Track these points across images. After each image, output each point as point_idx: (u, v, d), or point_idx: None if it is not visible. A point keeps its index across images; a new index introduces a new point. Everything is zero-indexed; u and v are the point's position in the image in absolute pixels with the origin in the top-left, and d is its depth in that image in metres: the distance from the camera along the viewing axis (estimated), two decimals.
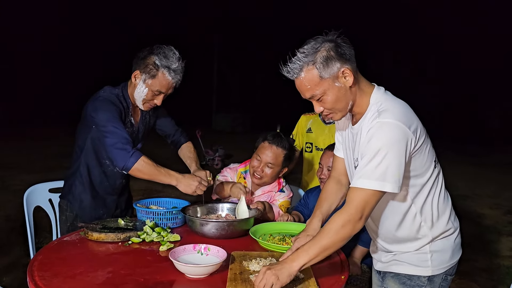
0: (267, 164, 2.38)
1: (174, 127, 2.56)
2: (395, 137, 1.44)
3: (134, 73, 2.16)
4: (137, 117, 2.32)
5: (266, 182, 2.45)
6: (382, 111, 1.49)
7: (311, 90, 1.51)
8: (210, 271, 1.58)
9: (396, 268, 1.67)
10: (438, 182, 1.63)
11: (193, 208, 2.24)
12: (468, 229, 5.05)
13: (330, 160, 2.43)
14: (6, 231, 4.42)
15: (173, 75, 2.11)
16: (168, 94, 2.20)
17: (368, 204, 1.45)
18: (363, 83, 1.58)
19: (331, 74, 1.48)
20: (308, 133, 3.23)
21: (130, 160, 2.02)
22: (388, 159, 1.42)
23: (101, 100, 2.13)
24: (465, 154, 11.40)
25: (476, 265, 4.04)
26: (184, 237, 1.99)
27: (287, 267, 1.42)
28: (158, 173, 2.07)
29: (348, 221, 1.44)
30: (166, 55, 2.10)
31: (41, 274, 1.56)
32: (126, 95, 2.22)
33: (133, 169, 2.04)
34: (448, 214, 1.66)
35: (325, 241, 1.45)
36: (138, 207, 2.22)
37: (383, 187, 1.43)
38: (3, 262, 3.51)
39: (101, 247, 1.86)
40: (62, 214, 2.34)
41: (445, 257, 1.65)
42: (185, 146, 2.59)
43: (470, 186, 7.54)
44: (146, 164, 2.05)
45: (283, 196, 2.48)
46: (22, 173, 7.15)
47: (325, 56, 1.47)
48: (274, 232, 2.07)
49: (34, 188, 2.55)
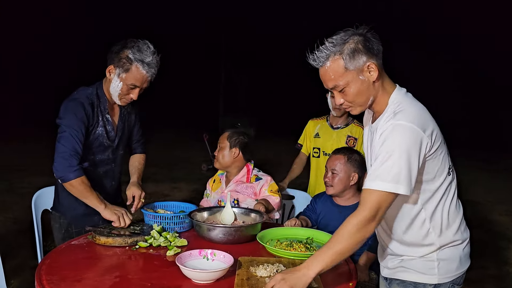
0: (220, 145, 2.66)
1: (139, 136, 2.52)
2: (409, 139, 1.43)
3: (108, 68, 2.15)
4: (115, 114, 2.30)
5: (222, 163, 2.63)
6: (398, 112, 1.49)
7: (335, 80, 1.52)
8: (217, 277, 1.57)
9: (402, 275, 1.65)
10: (450, 190, 1.60)
11: (200, 212, 2.24)
12: (478, 235, 4.99)
13: (335, 164, 2.43)
14: (13, 234, 4.44)
15: (147, 68, 2.10)
16: (144, 88, 2.19)
17: (382, 206, 1.44)
18: (386, 81, 1.57)
19: (356, 66, 1.49)
20: (315, 138, 3.23)
21: (69, 174, 2.02)
22: (402, 161, 1.42)
23: (72, 102, 2.13)
24: (476, 160, 11.29)
25: (486, 272, 4.00)
26: (191, 242, 1.98)
27: (302, 275, 1.41)
28: (89, 195, 2.06)
29: (361, 224, 1.43)
30: (139, 48, 2.10)
31: (49, 277, 1.56)
32: (101, 92, 2.22)
33: (68, 183, 2.03)
34: (458, 224, 1.62)
35: (340, 246, 1.44)
36: (146, 211, 2.22)
37: (397, 189, 1.42)
38: (11, 265, 3.53)
39: (108, 251, 1.86)
40: (55, 222, 2.31)
41: (453, 266, 1.61)
42: (138, 156, 2.55)
43: (480, 192, 7.46)
44: (81, 184, 2.04)
45: (263, 183, 2.57)
46: (30, 176, 7.20)
47: (352, 48, 1.48)
48: (281, 237, 2.06)
49: (42, 191, 2.56)
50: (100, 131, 2.22)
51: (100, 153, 2.26)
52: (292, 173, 3.35)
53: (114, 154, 2.32)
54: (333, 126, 3.18)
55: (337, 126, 3.17)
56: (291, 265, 1.72)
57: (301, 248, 1.88)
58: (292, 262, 1.76)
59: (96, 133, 2.21)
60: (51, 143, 2.17)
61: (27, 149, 10.23)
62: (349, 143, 3.08)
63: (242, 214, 2.27)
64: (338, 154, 2.47)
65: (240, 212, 2.28)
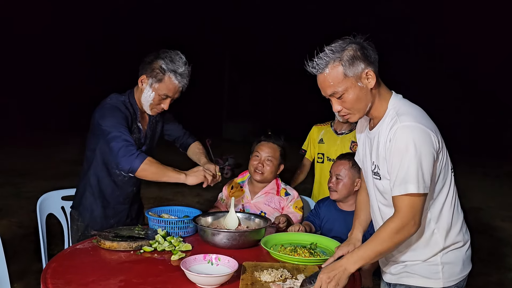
0: (267, 159, 2.52)
1: (182, 130, 2.58)
2: (419, 138, 1.47)
3: (140, 78, 2.18)
4: (145, 123, 2.33)
5: (266, 178, 2.53)
6: (401, 115, 1.53)
7: (334, 87, 1.55)
8: (222, 281, 1.58)
9: (407, 280, 1.66)
10: (454, 191, 1.64)
11: (204, 217, 2.25)
12: (481, 242, 4.97)
13: (339, 169, 2.43)
14: (18, 238, 4.46)
15: (179, 79, 2.13)
16: (175, 99, 2.22)
17: (415, 208, 1.49)
18: (383, 88, 1.62)
19: (355, 73, 1.53)
20: (320, 143, 3.23)
21: (135, 161, 2.00)
22: (416, 161, 1.46)
23: (107, 107, 2.15)
24: (477, 166, 11.26)
25: (489, 279, 3.97)
26: (196, 247, 1.99)
27: (344, 270, 1.50)
28: (165, 170, 2.06)
29: (402, 227, 1.48)
30: (172, 59, 2.13)
31: (54, 281, 1.57)
32: (133, 101, 2.24)
33: (139, 170, 2.02)
34: (460, 225, 1.66)
35: (380, 247, 1.51)
36: (150, 216, 2.23)
37: (423, 189, 1.47)
38: (15, 269, 3.53)
39: (113, 256, 1.87)
40: (73, 223, 2.36)
41: (456, 269, 1.63)
42: (193, 145, 2.59)
43: (483, 198, 7.43)
44: (152, 163, 2.04)
45: (291, 199, 2.54)
46: (35, 180, 7.23)
47: (351, 55, 1.52)
48: (285, 242, 2.07)
49: (47, 195, 2.58)
50: (134, 137, 2.22)
51: None
52: (296, 179, 3.36)
53: None
54: (337, 131, 3.19)
55: (341, 132, 3.18)
56: (295, 270, 1.73)
57: (305, 253, 1.88)
58: (296, 267, 1.77)
59: None
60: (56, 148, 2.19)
61: (33, 153, 10.28)
62: (353, 148, 3.09)
63: (246, 219, 2.28)
64: (342, 159, 2.48)
65: (244, 217, 2.29)
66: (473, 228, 1.78)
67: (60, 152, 10.34)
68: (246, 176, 2.68)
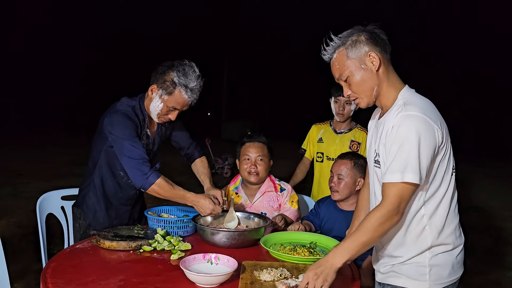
0: (258, 159, 2.50)
1: (188, 140, 2.56)
2: (422, 129, 1.46)
3: (151, 87, 2.16)
4: (153, 129, 2.33)
5: (262, 178, 2.52)
6: (408, 104, 1.53)
7: (339, 70, 1.61)
8: (221, 281, 1.58)
9: (394, 281, 1.63)
10: (452, 191, 1.61)
11: (204, 216, 2.25)
12: (481, 241, 4.98)
13: (341, 169, 2.43)
14: (18, 238, 4.46)
15: (189, 94, 2.11)
16: (184, 111, 2.21)
17: (403, 198, 1.47)
18: (394, 77, 1.63)
19: (358, 55, 1.57)
20: (319, 143, 3.23)
21: (147, 181, 2.02)
22: (416, 151, 1.45)
23: (118, 114, 2.13)
24: (479, 165, 11.26)
25: (489, 277, 3.98)
26: (195, 246, 1.99)
27: (331, 266, 1.47)
28: (174, 195, 2.08)
29: (385, 217, 1.47)
30: (185, 72, 2.10)
31: (54, 281, 1.58)
32: (143, 107, 2.23)
33: (150, 190, 2.05)
34: (453, 228, 1.60)
35: (364, 238, 1.48)
36: (149, 215, 2.23)
37: (415, 179, 1.45)
38: (15, 269, 3.53)
39: (113, 255, 1.87)
40: (75, 222, 2.37)
41: (444, 273, 1.58)
42: (199, 161, 2.59)
43: (484, 198, 7.43)
44: (161, 186, 2.04)
45: (286, 193, 2.53)
46: (34, 180, 7.23)
47: (355, 39, 1.58)
48: (285, 242, 2.07)
49: (47, 195, 2.58)
50: (142, 143, 2.22)
51: None
52: (296, 178, 3.36)
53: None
54: (336, 131, 3.19)
55: (340, 131, 3.18)
56: (295, 269, 1.73)
57: (305, 253, 1.88)
58: (296, 266, 1.77)
59: None
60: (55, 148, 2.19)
61: (32, 154, 10.28)
62: (353, 147, 3.09)
63: (245, 218, 2.28)
64: (344, 159, 2.47)
65: (244, 217, 2.29)
66: (473, 227, 1.77)
67: (59, 152, 10.33)
68: (238, 181, 2.64)
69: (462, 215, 1.70)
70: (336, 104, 3.09)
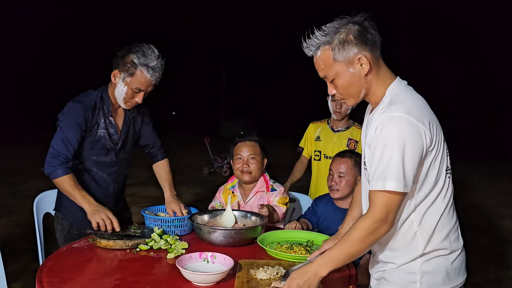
0: (250, 157, 2.50)
1: (154, 138, 2.54)
2: (405, 132, 1.35)
3: (113, 72, 2.19)
4: (120, 118, 2.34)
5: (255, 176, 2.51)
6: (393, 103, 1.41)
7: (324, 71, 1.48)
8: (217, 279, 1.57)
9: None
10: (446, 193, 1.49)
11: (201, 215, 2.25)
12: (480, 239, 4.98)
13: (340, 167, 2.42)
14: (16, 237, 4.46)
15: (151, 72, 2.14)
16: (149, 92, 2.23)
17: (390, 207, 1.37)
18: (384, 72, 1.50)
19: (345, 58, 1.43)
20: (316, 141, 3.23)
21: (56, 172, 2.11)
22: (399, 157, 1.34)
23: (74, 104, 2.20)
24: (478, 164, 11.26)
25: (488, 276, 3.98)
26: (192, 245, 1.99)
27: (314, 275, 1.41)
28: (73, 194, 2.11)
29: (372, 227, 1.38)
30: (144, 53, 2.14)
31: (50, 280, 1.57)
32: (106, 96, 2.26)
33: (55, 180, 2.13)
34: (447, 231, 1.49)
35: (352, 249, 1.40)
36: (146, 214, 2.23)
37: (401, 188, 1.35)
38: (13, 268, 3.53)
39: (109, 254, 1.87)
40: (57, 223, 2.35)
41: (437, 280, 1.47)
42: (161, 163, 2.55)
43: (482, 196, 7.43)
44: (66, 182, 2.11)
45: (277, 194, 2.50)
46: (33, 180, 7.21)
47: (342, 39, 1.42)
48: (281, 240, 2.06)
49: (44, 194, 2.57)
50: (101, 133, 2.25)
51: (102, 155, 2.29)
52: (293, 176, 3.36)
53: (117, 157, 2.35)
54: (334, 129, 3.19)
55: (338, 129, 3.18)
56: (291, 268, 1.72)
57: (302, 251, 1.88)
58: (292, 264, 1.76)
59: (97, 135, 2.24)
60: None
61: (31, 153, 10.25)
62: (350, 146, 3.09)
63: (242, 217, 2.28)
64: (344, 157, 2.46)
65: (241, 215, 2.29)
66: (472, 226, 1.73)
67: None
68: (236, 181, 2.64)
69: (461, 215, 1.62)
70: (333, 103, 3.09)
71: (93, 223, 2.04)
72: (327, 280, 1.59)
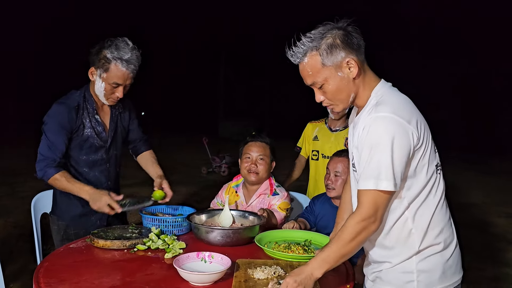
0: (259, 158, 2.48)
1: (139, 134, 2.54)
2: (393, 131, 1.37)
3: (90, 70, 2.20)
4: (106, 115, 2.34)
5: (261, 178, 2.50)
6: (380, 104, 1.43)
7: (312, 77, 1.48)
8: (215, 279, 1.58)
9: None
10: (438, 189, 1.51)
11: (198, 215, 2.25)
12: (476, 237, 5.00)
13: (337, 166, 2.43)
14: (14, 238, 4.45)
15: (126, 65, 2.13)
16: (129, 85, 2.22)
17: (379, 205, 1.40)
18: (369, 76, 1.52)
19: (334, 62, 1.44)
20: (314, 141, 3.23)
21: (47, 173, 2.14)
22: (388, 156, 1.36)
23: (57, 106, 2.20)
24: (473, 162, 11.30)
25: (484, 274, 4.00)
26: (190, 245, 1.99)
27: (310, 276, 1.42)
28: (71, 189, 2.14)
29: (362, 225, 1.40)
30: (117, 47, 2.13)
31: (47, 280, 1.57)
32: (88, 94, 2.26)
33: (49, 181, 2.16)
34: (441, 227, 1.50)
35: (343, 249, 1.42)
36: (144, 215, 2.23)
37: (389, 186, 1.37)
38: (11, 269, 3.53)
39: (107, 254, 1.87)
40: (54, 225, 2.35)
41: (434, 277, 1.48)
42: (146, 153, 2.56)
43: (478, 194, 7.47)
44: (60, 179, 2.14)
45: (278, 198, 2.49)
46: (31, 180, 7.19)
47: (330, 44, 1.43)
48: (279, 239, 2.07)
49: (41, 195, 2.57)
50: (88, 133, 2.25)
51: (92, 153, 2.29)
52: (291, 176, 3.36)
53: (108, 154, 2.35)
54: (331, 128, 3.19)
55: (335, 129, 3.18)
56: (289, 267, 1.72)
57: (299, 250, 1.88)
58: (290, 264, 1.77)
59: (85, 135, 2.24)
60: None
61: (28, 153, 10.23)
62: (348, 145, 3.09)
63: (240, 216, 2.28)
64: (341, 156, 2.47)
65: (238, 215, 2.29)
66: (468, 224, 1.74)
67: None
68: (240, 180, 2.63)
69: (457, 213, 1.65)
70: None
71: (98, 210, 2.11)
72: (324, 279, 1.59)
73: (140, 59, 2.18)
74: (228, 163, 8.91)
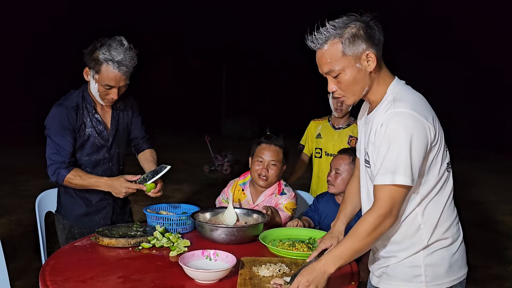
0: (271, 163, 2.44)
1: (142, 132, 2.51)
2: (412, 127, 1.38)
3: (84, 70, 2.16)
4: (107, 114, 2.31)
5: (271, 182, 2.47)
6: (397, 100, 1.44)
7: (330, 65, 1.47)
8: (220, 277, 1.58)
9: (387, 285, 1.57)
10: (447, 187, 1.53)
11: (202, 213, 2.25)
12: (481, 235, 4.99)
13: (339, 163, 2.43)
14: (18, 236, 4.47)
15: (117, 67, 2.06)
16: (124, 87, 2.17)
17: (396, 200, 1.40)
18: (384, 72, 1.53)
19: (354, 52, 1.44)
20: (317, 138, 3.24)
21: (59, 175, 2.12)
22: (407, 151, 1.37)
23: (55, 107, 2.18)
24: (478, 160, 11.27)
25: (489, 271, 3.99)
26: (194, 243, 1.99)
27: (323, 273, 1.42)
28: (86, 184, 2.14)
29: (378, 221, 1.40)
30: (110, 47, 2.06)
31: (53, 278, 1.58)
32: (87, 94, 2.23)
33: (64, 183, 2.14)
34: (449, 223, 1.53)
35: (358, 244, 1.42)
36: (148, 213, 2.23)
37: (407, 181, 1.38)
38: (15, 267, 3.54)
39: (111, 252, 1.87)
40: (58, 223, 2.35)
41: (441, 271, 1.50)
42: (148, 151, 2.52)
43: (483, 192, 7.44)
44: (73, 178, 2.13)
45: (286, 198, 2.47)
46: (33, 179, 7.22)
47: (353, 33, 1.43)
48: (283, 237, 2.07)
49: (45, 193, 2.57)
50: (90, 132, 2.23)
51: (94, 153, 2.27)
52: (295, 174, 3.36)
53: (110, 153, 2.33)
54: (334, 126, 3.19)
55: (338, 127, 3.18)
56: (293, 265, 1.73)
57: (303, 248, 1.89)
58: (295, 262, 1.77)
59: (86, 134, 2.23)
60: None
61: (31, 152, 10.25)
62: (351, 143, 3.09)
63: (244, 214, 2.28)
64: (343, 154, 2.47)
65: (243, 213, 2.29)
66: (473, 222, 1.74)
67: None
68: (248, 178, 2.60)
69: (462, 211, 1.66)
70: (334, 100, 3.09)
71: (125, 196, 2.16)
72: (329, 277, 1.60)
73: (135, 59, 2.11)
74: (230, 161, 8.91)
